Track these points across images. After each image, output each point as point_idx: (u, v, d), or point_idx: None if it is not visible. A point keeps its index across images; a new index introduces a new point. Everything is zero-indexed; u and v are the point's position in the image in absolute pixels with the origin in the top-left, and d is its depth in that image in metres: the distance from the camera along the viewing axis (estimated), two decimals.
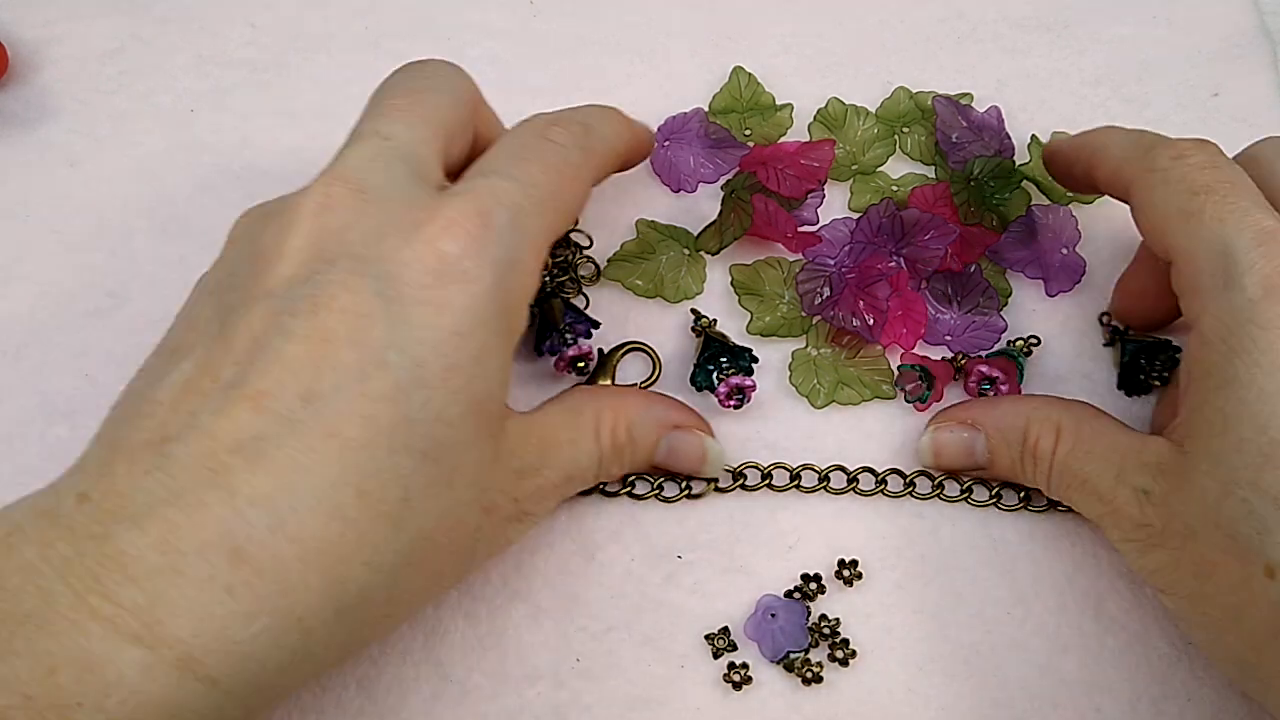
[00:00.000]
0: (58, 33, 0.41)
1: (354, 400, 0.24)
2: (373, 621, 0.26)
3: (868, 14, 0.42)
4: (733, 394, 0.34)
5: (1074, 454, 0.31)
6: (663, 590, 0.33)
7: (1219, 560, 0.27)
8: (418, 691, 0.32)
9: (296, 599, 0.24)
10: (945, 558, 0.33)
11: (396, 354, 0.25)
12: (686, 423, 0.33)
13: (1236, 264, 0.27)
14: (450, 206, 0.27)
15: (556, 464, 0.30)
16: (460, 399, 0.26)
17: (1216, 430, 0.27)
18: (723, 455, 0.33)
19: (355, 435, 0.24)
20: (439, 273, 0.26)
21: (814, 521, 0.34)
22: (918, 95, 0.39)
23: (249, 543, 0.23)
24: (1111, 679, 0.32)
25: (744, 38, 0.41)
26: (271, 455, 0.24)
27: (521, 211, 0.28)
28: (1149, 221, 0.30)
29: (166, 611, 0.22)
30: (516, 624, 0.32)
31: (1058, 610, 0.33)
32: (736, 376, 0.34)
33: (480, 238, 0.26)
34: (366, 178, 0.27)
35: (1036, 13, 0.42)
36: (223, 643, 0.23)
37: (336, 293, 0.25)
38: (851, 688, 0.32)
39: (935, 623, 0.33)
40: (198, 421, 0.24)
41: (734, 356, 0.35)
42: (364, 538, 0.24)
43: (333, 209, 0.27)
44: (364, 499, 0.24)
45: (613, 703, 0.32)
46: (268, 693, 0.24)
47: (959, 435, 0.33)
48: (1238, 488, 0.26)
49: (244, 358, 0.25)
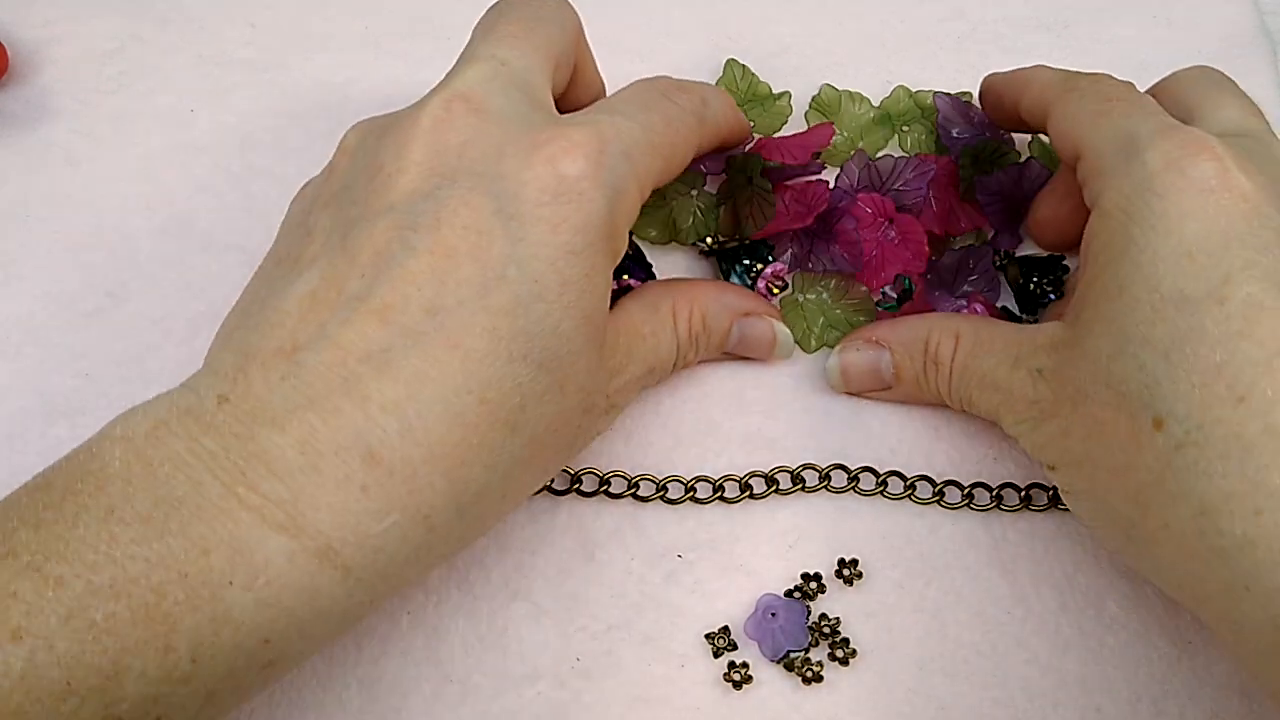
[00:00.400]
0: (58, 33, 0.41)
1: (476, 313, 0.26)
2: (487, 515, 0.28)
3: (868, 14, 0.42)
4: (772, 283, 0.35)
5: (972, 354, 0.32)
6: (663, 590, 0.33)
7: (1108, 418, 0.28)
8: (419, 691, 0.32)
9: (423, 498, 0.25)
10: (945, 557, 0.33)
11: (515, 269, 0.26)
12: (757, 309, 0.34)
13: (1139, 144, 0.29)
14: (573, 131, 0.28)
15: (641, 358, 0.32)
16: (573, 313, 0.27)
17: (1111, 294, 0.28)
18: (791, 340, 0.35)
19: (477, 346, 0.26)
20: (557, 192, 0.27)
21: (814, 521, 0.34)
22: (917, 94, 0.39)
23: (381, 446, 0.25)
24: (1112, 678, 0.32)
25: (744, 37, 0.41)
26: (399, 365, 0.25)
27: (637, 149, 0.29)
28: (1062, 125, 0.32)
29: (308, 505, 0.24)
30: (517, 623, 0.32)
31: (1058, 610, 0.33)
32: (769, 269, 0.35)
33: (597, 163, 0.28)
34: (485, 97, 0.28)
35: (1036, 13, 0.42)
36: (358, 536, 0.25)
37: (458, 209, 0.27)
38: (851, 687, 0.32)
39: (935, 622, 0.33)
40: (326, 332, 0.26)
41: (752, 253, 0.36)
42: (484, 442, 0.26)
43: (452, 125, 0.28)
44: (485, 406, 0.26)
45: (613, 702, 0.32)
46: (393, 581, 0.26)
47: (864, 354, 0.34)
48: (1129, 344, 0.27)
49: (369, 270, 0.26)
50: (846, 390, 0.35)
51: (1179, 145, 0.28)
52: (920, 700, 0.32)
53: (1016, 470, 0.34)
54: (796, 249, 0.36)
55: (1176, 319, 0.27)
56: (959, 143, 0.38)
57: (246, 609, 0.23)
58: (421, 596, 0.33)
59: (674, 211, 0.37)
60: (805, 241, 0.36)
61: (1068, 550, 0.33)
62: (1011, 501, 0.34)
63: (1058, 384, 0.29)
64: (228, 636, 0.23)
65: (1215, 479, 0.25)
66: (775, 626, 0.32)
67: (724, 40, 0.41)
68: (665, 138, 0.30)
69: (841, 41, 0.41)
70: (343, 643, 0.32)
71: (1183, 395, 0.26)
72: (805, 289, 0.36)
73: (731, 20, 0.41)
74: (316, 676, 0.32)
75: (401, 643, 0.32)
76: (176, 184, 0.39)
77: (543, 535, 0.34)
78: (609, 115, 0.29)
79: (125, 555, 0.23)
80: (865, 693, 0.32)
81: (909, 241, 0.36)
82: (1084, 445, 0.29)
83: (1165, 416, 0.26)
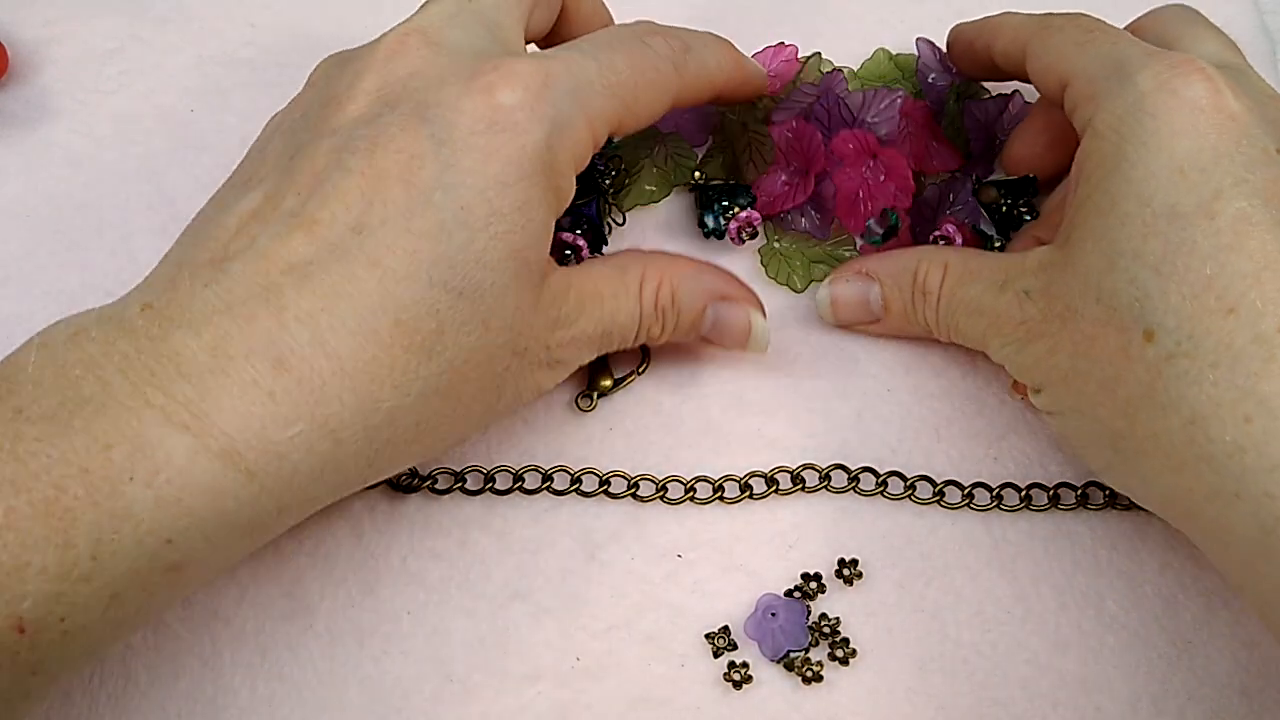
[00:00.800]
0: (58, 33, 0.41)
1: (399, 235, 0.26)
2: (400, 443, 0.28)
3: (867, 14, 0.42)
4: (743, 229, 0.35)
5: (960, 281, 0.32)
6: (663, 589, 0.33)
7: (1098, 333, 0.28)
8: (420, 691, 0.32)
9: (330, 410, 0.26)
10: (945, 557, 0.33)
11: (442, 194, 0.27)
12: (736, 295, 0.33)
13: (1129, 67, 0.29)
14: (519, 63, 0.28)
15: (594, 316, 0.31)
16: (499, 245, 0.27)
17: (1104, 211, 0.28)
18: (768, 333, 0.34)
19: (396, 267, 0.26)
20: (491, 121, 0.27)
21: (814, 521, 0.34)
22: (898, 57, 0.40)
23: (291, 354, 0.25)
24: (1111, 678, 0.32)
25: (743, 37, 0.41)
26: (319, 278, 0.26)
27: (589, 86, 0.29)
28: (1045, 59, 0.32)
29: (213, 406, 0.24)
30: (518, 623, 0.32)
31: (1058, 610, 0.33)
32: (743, 213, 0.35)
33: (537, 94, 0.28)
34: (443, 31, 0.29)
35: (1036, 12, 0.42)
36: (262, 440, 0.25)
37: (394, 133, 0.27)
38: (851, 687, 0.32)
39: (935, 622, 0.33)
40: (256, 244, 0.26)
41: (732, 195, 0.36)
42: (396, 362, 0.26)
43: (403, 56, 0.29)
44: (399, 327, 0.26)
45: (613, 702, 0.32)
46: (299, 494, 0.26)
47: (854, 285, 0.35)
48: (1120, 259, 0.28)
49: (305, 189, 0.27)
50: (835, 321, 0.35)
51: (1170, 67, 0.29)
52: (920, 700, 0.32)
53: (1016, 470, 0.34)
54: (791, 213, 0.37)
55: (1168, 233, 0.27)
56: (936, 89, 0.39)
57: (146, 505, 0.24)
58: (423, 595, 0.33)
59: (655, 159, 0.38)
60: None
61: (1068, 550, 0.33)
62: (1011, 501, 0.34)
63: (1046, 303, 0.30)
64: (128, 533, 0.23)
65: (1205, 387, 0.26)
66: (775, 626, 0.32)
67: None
68: (626, 81, 0.30)
69: (841, 41, 0.41)
70: (344, 641, 0.32)
71: (1173, 307, 0.27)
72: (778, 237, 0.37)
73: (730, 20, 0.41)
74: (318, 675, 0.32)
75: (403, 642, 0.32)
76: (176, 184, 0.39)
77: (543, 535, 0.34)
78: (567, 51, 0.29)
79: (28, 452, 0.23)
80: (865, 693, 0.32)
81: (894, 175, 0.36)
82: (1072, 361, 0.29)
83: (1156, 328, 0.27)
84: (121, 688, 0.31)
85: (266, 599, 0.33)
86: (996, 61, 0.35)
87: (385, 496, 0.34)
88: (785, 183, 0.36)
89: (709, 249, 0.37)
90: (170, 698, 0.31)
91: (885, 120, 0.37)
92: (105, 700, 0.31)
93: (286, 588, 0.33)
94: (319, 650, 0.32)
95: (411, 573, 0.33)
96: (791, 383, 0.36)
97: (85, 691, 0.31)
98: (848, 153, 0.36)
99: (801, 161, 0.36)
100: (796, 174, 0.36)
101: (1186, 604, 0.33)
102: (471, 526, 0.34)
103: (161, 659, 0.32)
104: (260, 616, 0.32)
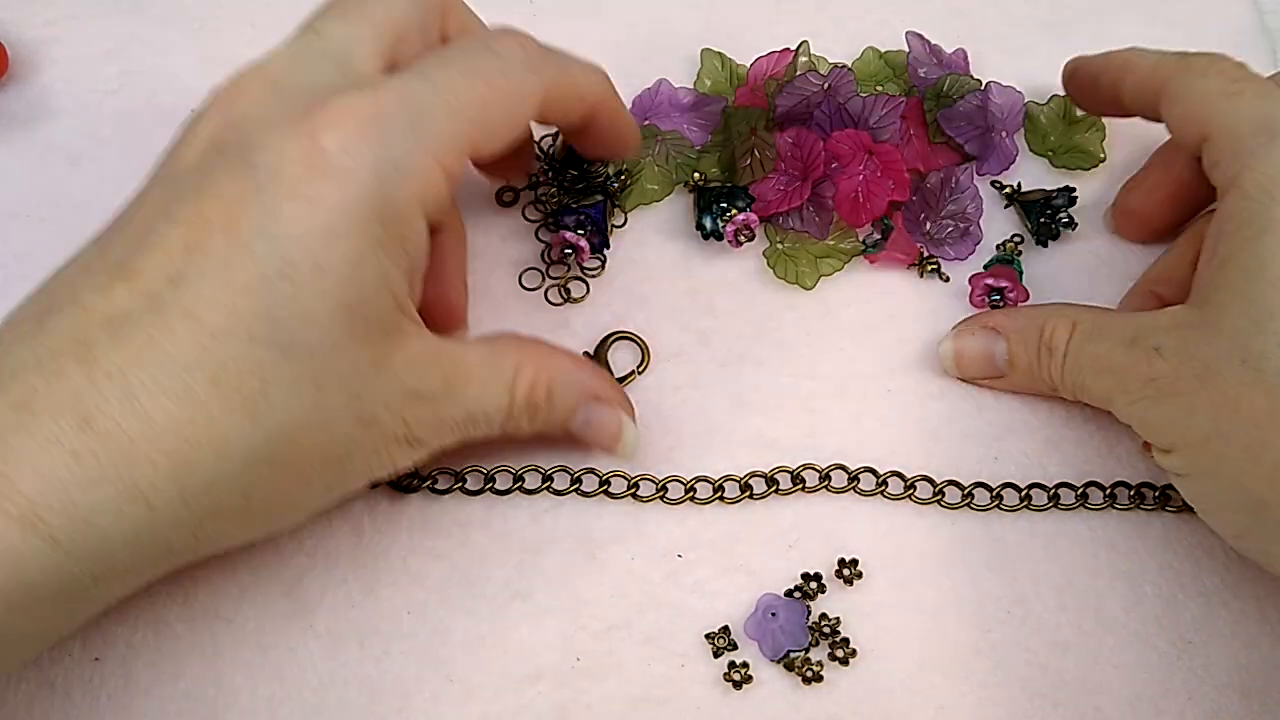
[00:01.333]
0: (58, 33, 0.41)
1: (217, 287, 0.25)
2: (227, 514, 0.26)
3: (867, 14, 0.42)
4: (740, 232, 0.35)
5: (1088, 337, 0.32)
6: (663, 589, 0.33)
7: (1243, 395, 0.27)
8: (420, 691, 0.32)
9: (140, 473, 0.24)
10: (945, 557, 0.33)
11: (265, 245, 0.25)
12: (609, 397, 0.32)
13: (1278, 127, 0.29)
14: (350, 98, 0.26)
15: (460, 400, 0.29)
16: (328, 300, 0.25)
17: (1251, 273, 0.28)
18: (637, 441, 0.33)
19: (214, 321, 0.25)
20: (312, 165, 0.25)
21: (814, 521, 0.34)
22: (888, 54, 0.40)
23: (98, 413, 0.24)
24: (1111, 679, 0.32)
25: (743, 37, 0.41)
26: (133, 333, 0.24)
27: (428, 116, 0.27)
28: (1186, 108, 0.31)
29: (13, 467, 0.23)
30: (518, 623, 0.33)
31: (1057, 610, 0.33)
32: (740, 215, 0.35)
33: (363, 134, 0.26)
34: (284, 71, 0.28)
35: (1036, 13, 0.42)
36: (65, 504, 0.23)
37: (220, 179, 0.26)
38: (851, 687, 0.32)
39: (935, 622, 0.33)
40: (79, 296, 0.25)
41: (730, 198, 0.36)
42: (214, 424, 0.25)
43: (241, 99, 0.27)
44: (217, 386, 0.25)
45: (614, 702, 0.32)
46: (114, 563, 0.25)
47: (979, 340, 0.34)
48: (1271, 321, 0.27)
49: (134, 239, 0.26)
50: (959, 375, 0.35)
51: None
52: (920, 700, 0.32)
53: (1016, 470, 0.34)
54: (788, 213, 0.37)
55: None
56: (926, 83, 0.39)
57: None
58: (423, 595, 0.33)
59: (655, 155, 0.38)
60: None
61: (1067, 550, 0.33)
62: (1011, 501, 0.34)
63: (1179, 361, 0.29)
64: None
65: None
66: (775, 626, 0.32)
67: (723, 40, 0.41)
68: (471, 97, 0.28)
69: (841, 41, 0.41)
70: (344, 641, 0.32)
71: None
72: (779, 238, 0.37)
73: (731, 19, 0.41)
74: (318, 675, 0.32)
75: (403, 642, 0.32)
76: None
77: (544, 535, 0.34)
78: (401, 77, 0.27)
79: None
80: (865, 693, 0.32)
81: (890, 171, 0.36)
82: (1213, 423, 0.28)
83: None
84: (122, 687, 0.31)
85: (267, 599, 0.33)
86: (1124, 100, 0.34)
87: (386, 496, 0.34)
88: (783, 188, 0.36)
89: (708, 250, 0.37)
90: (171, 697, 0.31)
91: (887, 126, 0.37)
92: (106, 700, 0.31)
93: (287, 587, 0.33)
94: (319, 650, 0.32)
95: (412, 573, 0.33)
96: (792, 383, 0.36)
97: (86, 691, 0.31)
98: (844, 152, 0.36)
99: (801, 169, 0.36)
100: (795, 180, 0.37)
101: (1186, 604, 0.33)
102: (472, 526, 0.34)
103: (162, 659, 0.32)
104: (261, 616, 0.32)
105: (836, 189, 0.36)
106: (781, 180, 0.37)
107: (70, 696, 0.31)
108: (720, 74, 0.40)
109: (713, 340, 0.36)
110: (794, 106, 0.37)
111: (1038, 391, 0.34)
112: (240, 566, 0.33)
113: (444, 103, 0.27)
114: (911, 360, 0.36)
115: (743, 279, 0.37)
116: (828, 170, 0.36)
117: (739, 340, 0.36)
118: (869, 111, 0.37)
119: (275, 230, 0.25)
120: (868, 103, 0.37)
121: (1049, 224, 0.37)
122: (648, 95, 0.39)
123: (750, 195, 0.36)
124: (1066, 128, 0.39)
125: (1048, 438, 0.35)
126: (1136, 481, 0.34)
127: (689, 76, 0.40)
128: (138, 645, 0.32)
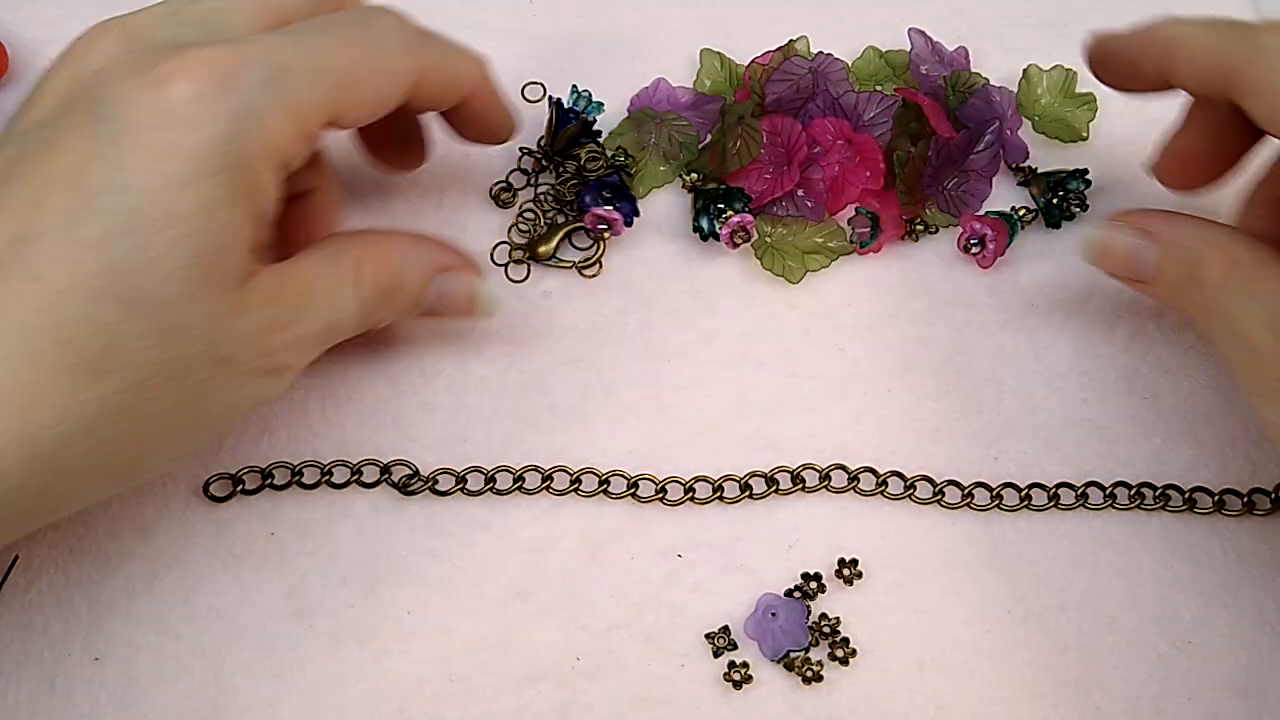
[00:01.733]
0: (58, 33, 0.40)
1: (60, 245, 0.24)
2: (82, 471, 0.26)
3: (867, 14, 0.42)
4: (735, 233, 0.35)
5: (1240, 289, 0.28)
6: (663, 589, 0.33)
7: None
8: (421, 691, 0.32)
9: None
10: (945, 557, 0.33)
11: (111, 199, 0.24)
12: (456, 263, 0.32)
13: None
14: (204, 50, 0.25)
15: (313, 315, 0.29)
16: (179, 251, 0.25)
17: None
18: (494, 298, 0.32)
19: (58, 280, 0.24)
20: (165, 116, 0.25)
21: (814, 521, 0.34)
22: (888, 54, 0.40)
23: None
24: (1111, 678, 0.32)
25: (743, 37, 0.41)
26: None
27: (290, 73, 0.26)
28: (1273, 96, 0.27)
29: None
30: (518, 623, 0.33)
31: (1057, 610, 0.33)
32: (736, 217, 0.35)
33: (219, 84, 0.25)
34: (147, 28, 0.27)
35: (1036, 12, 0.42)
36: None
37: (66, 134, 0.25)
38: (851, 687, 0.32)
39: (935, 622, 0.33)
40: None
41: (728, 199, 0.36)
42: (60, 384, 0.24)
43: (95, 53, 0.27)
44: (63, 346, 0.24)
45: (614, 701, 0.32)
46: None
47: (1130, 239, 0.31)
48: None
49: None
50: (1097, 265, 0.32)
51: None
52: (920, 700, 0.32)
53: (1016, 470, 0.34)
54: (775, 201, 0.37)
55: None
56: (928, 80, 0.39)
57: None
58: (424, 595, 0.33)
59: (657, 138, 0.38)
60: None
61: (1067, 550, 0.33)
62: (1011, 501, 0.34)
63: None
64: None
65: None
66: (775, 626, 0.32)
67: (723, 40, 0.41)
68: (339, 64, 0.27)
69: (841, 41, 0.41)
70: (345, 641, 0.32)
71: None
72: (770, 232, 0.37)
73: (730, 20, 0.41)
74: (319, 675, 0.32)
75: (404, 642, 0.32)
76: None
77: (544, 535, 0.34)
78: (268, 36, 0.27)
79: None
80: (865, 693, 0.32)
81: (866, 160, 0.36)
82: None
83: None
84: (123, 687, 0.32)
85: (268, 599, 0.33)
86: (1179, 82, 0.30)
87: (387, 497, 0.34)
88: (770, 175, 0.37)
89: (708, 250, 0.37)
90: (172, 697, 0.31)
91: (880, 124, 0.37)
92: (106, 700, 0.31)
93: (288, 587, 0.33)
94: (320, 650, 0.32)
95: (413, 573, 0.33)
96: (791, 383, 0.36)
97: (86, 691, 0.31)
98: (824, 139, 0.37)
99: (784, 154, 0.37)
100: (780, 165, 0.37)
101: (1186, 604, 0.33)
102: (473, 527, 0.34)
103: (163, 658, 0.32)
104: (261, 616, 0.32)
105: (823, 172, 0.36)
106: (768, 168, 0.37)
107: (70, 696, 0.31)
108: (720, 74, 0.40)
109: (713, 340, 0.36)
110: (784, 94, 0.37)
111: (1179, 311, 0.32)
112: (240, 566, 0.33)
113: (307, 63, 0.27)
114: (911, 360, 0.36)
115: (743, 279, 0.37)
116: (811, 152, 0.36)
117: (739, 340, 0.36)
118: (862, 108, 0.37)
119: (122, 182, 0.24)
120: (861, 98, 0.37)
121: (1062, 203, 0.37)
122: (646, 94, 0.39)
123: (747, 196, 0.36)
124: (1062, 99, 0.39)
125: (1048, 438, 0.35)
126: (1136, 481, 0.34)
127: (688, 76, 0.40)
128: (138, 645, 0.32)
